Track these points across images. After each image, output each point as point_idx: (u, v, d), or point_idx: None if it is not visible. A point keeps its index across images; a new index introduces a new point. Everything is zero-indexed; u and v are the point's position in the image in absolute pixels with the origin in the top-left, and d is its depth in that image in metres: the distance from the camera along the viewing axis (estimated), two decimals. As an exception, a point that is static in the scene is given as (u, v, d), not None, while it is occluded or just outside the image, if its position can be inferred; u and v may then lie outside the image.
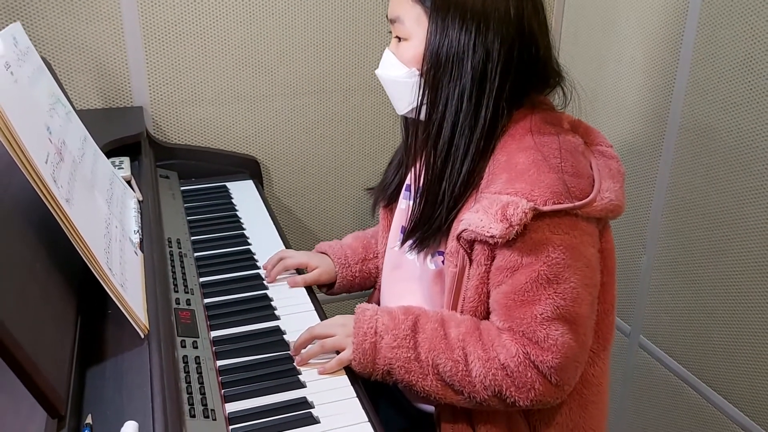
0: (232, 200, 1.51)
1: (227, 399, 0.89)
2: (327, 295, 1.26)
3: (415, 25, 0.96)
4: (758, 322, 1.33)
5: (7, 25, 0.97)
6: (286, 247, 1.32)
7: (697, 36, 1.38)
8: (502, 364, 0.90)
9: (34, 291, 0.75)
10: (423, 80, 0.95)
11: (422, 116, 0.98)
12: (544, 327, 0.88)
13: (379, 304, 1.18)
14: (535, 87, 0.98)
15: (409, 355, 0.93)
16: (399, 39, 0.99)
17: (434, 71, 0.94)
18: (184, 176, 1.58)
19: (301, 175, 1.76)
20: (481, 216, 0.89)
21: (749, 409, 1.38)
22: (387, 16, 1.01)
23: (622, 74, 1.60)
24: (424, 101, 0.96)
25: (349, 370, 0.97)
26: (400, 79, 0.99)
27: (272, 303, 1.13)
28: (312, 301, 1.14)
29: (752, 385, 1.36)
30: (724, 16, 1.32)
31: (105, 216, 0.95)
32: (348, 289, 1.24)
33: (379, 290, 1.20)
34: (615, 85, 1.63)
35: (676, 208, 1.48)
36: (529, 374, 0.89)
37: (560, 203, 0.87)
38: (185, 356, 0.92)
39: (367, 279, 1.23)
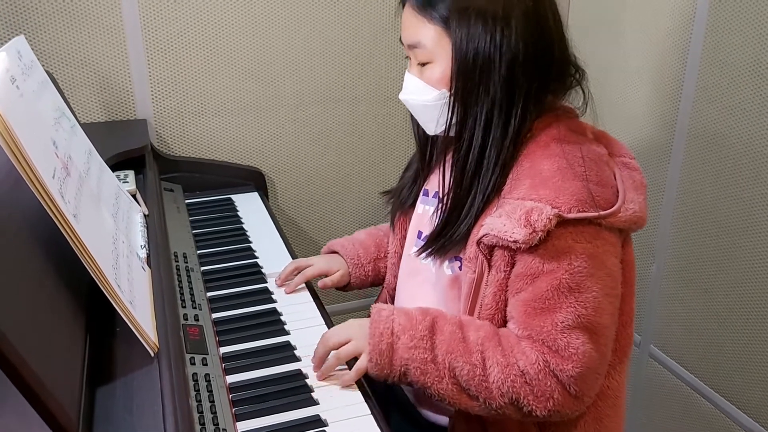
0: (238, 213, 1.49)
1: (239, 417, 0.88)
2: (340, 291, 1.25)
3: (437, 46, 0.93)
4: (772, 331, 1.32)
5: (10, 38, 0.96)
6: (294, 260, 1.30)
7: (705, 42, 1.37)
8: (522, 371, 0.88)
9: (44, 309, 0.73)
10: (453, 99, 0.94)
11: (452, 133, 0.96)
12: (565, 335, 0.87)
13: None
14: (554, 87, 0.97)
15: (425, 356, 0.91)
16: (421, 63, 0.96)
17: (464, 89, 0.92)
18: (188, 189, 1.56)
19: (307, 186, 1.74)
20: (503, 221, 0.88)
21: (763, 418, 1.36)
22: (401, 41, 0.98)
23: (628, 81, 1.59)
24: (455, 120, 0.95)
25: (361, 385, 0.96)
26: (430, 102, 0.96)
27: (281, 317, 1.11)
28: (321, 315, 1.13)
29: (766, 393, 1.34)
30: (731, 22, 1.31)
31: (112, 231, 0.93)
32: (360, 287, 1.23)
33: (387, 292, 1.19)
34: (622, 93, 1.62)
35: (686, 216, 1.47)
36: (549, 383, 0.88)
37: (585, 211, 0.87)
38: (195, 374, 0.90)
39: (378, 276, 1.23)
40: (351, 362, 0.96)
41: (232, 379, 0.95)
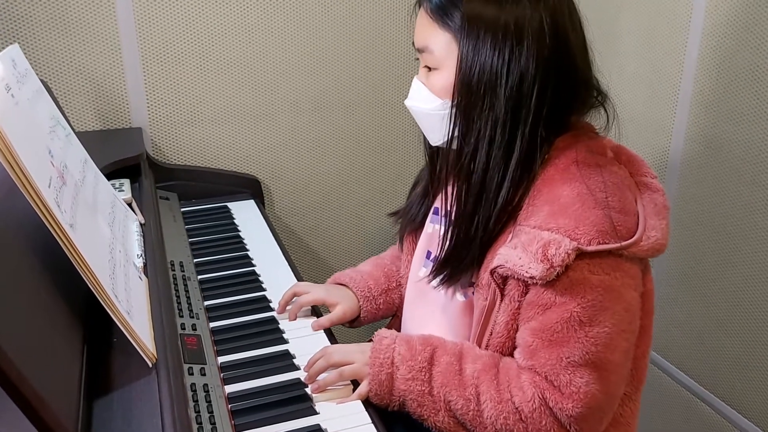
0: (234, 221, 1.48)
1: (238, 428, 0.86)
2: (348, 328, 1.17)
3: (445, 54, 0.90)
4: (772, 335, 1.31)
5: (5, 47, 0.95)
6: (291, 268, 1.29)
7: (701, 47, 1.37)
8: (516, 408, 0.86)
9: (41, 321, 0.72)
10: (455, 111, 0.90)
11: (454, 147, 0.93)
12: (569, 372, 0.83)
13: (398, 331, 1.14)
14: (575, 109, 0.93)
15: (423, 388, 0.89)
16: (428, 68, 0.94)
17: (466, 101, 0.89)
18: (184, 197, 1.55)
19: (303, 193, 1.74)
20: (519, 253, 0.84)
21: (765, 423, 1.35)
22: (413, 44, 0.96)
23: (625, 86, 1.59)
24: (456, 134, 0.91)
25: (362, 395, 0.94)
26: (432, 111, 0.94)
27: (280, 326, 1.10)
28: (320, 323, 1.12)
29: (767, 397, 1.34)
30: (728, 27, 1.31)
31: (108, 241, 0.92)
32: (372, 321, 1.16)
33: (400, 318, 1.15)
34: (618, 98, 1.61)
35: (685, 221, 1.47)
36: (544, 421, 0.85)
37: (605, 243, 0.82)
38: (193, 384, 0.89)
39: (390, 309, 1.16)
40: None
41: (230, 388, 0.93)
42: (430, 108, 0.94)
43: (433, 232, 1.05)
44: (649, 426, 1.65)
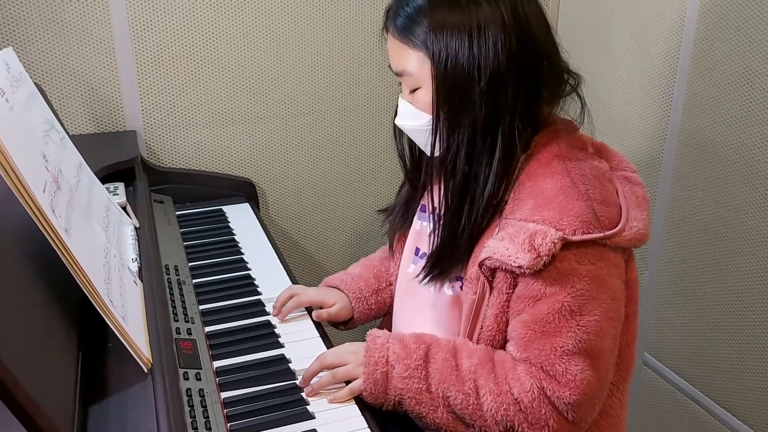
0: (229, 224, 1.48)
1: (234, 433, 0.86)
2: (343, 330, 1.19)
3: (423, 72, 0.92)
4: (764, 335, 1.32)
5: (-1, 50, 0.95)
6: (287, 271, 1.29)
7: (694, 50, 1.38)
8: (515, 399, 0.87)
9: (36, 326, 0.71)
10: (441, 118, 0.92)
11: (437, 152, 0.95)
12: (564, 361, 0.86)
13: (390, 329, 1.15)
14: (547, 97, 0.95)
15: (420, 386, 0.90)
16: (411, 88, 0.96)
17: (447, 106, 0.91)
18: (178, 201, 1.55)
19: (298, 196, 1.74)
20: (506, 244, 0.86)
21: (758, 424, 1.36)
22: (390, 68, 0.98)
23: (618, 90, 1.60)
24: (440, 140, 0.93)
25: (358, 399, 0.94)
26: (423, 127, 0.95)
27: (276, 330, 1.10)
28: (316, 327, 1.11)
29: (760, 399, 1.35)
30: (721, 30, 1.32)
31: (103, 245, 0.92)
32: (364, 321, 1.18)
33: (391, 315, 1.16)
34: (612, 101, 1.62)
35: (678, 223, 1.48)
36: (543, 410, 0.86)
37: (589, 233, 0.85)
38: (188, 389, 0.89)
39: (382, 308, 1.18)
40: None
41: (226, 394, 0.93)
42: (420, 124, 0.96)
43: (421, 229, 1.07)
44: (642, 428, 1.66)
